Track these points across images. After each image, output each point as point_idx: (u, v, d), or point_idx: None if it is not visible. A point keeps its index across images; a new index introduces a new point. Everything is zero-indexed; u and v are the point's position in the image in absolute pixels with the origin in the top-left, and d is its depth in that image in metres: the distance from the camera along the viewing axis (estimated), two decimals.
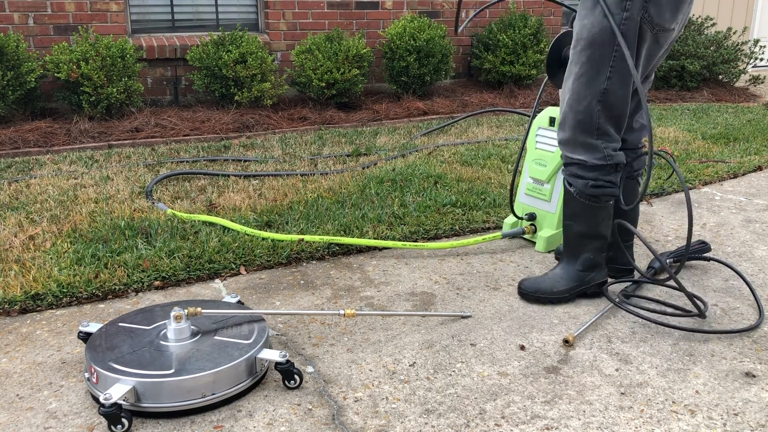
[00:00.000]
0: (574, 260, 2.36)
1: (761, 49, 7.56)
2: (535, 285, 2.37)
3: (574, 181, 2.29)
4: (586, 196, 2.27)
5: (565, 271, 2.37)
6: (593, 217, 2.30)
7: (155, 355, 1.83)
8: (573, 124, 2.22)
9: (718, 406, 1.80)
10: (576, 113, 2.20)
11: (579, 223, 2.32)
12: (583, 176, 2.26)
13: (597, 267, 2.37)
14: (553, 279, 2.37)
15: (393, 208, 3.24)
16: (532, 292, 2.37)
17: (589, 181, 2.25)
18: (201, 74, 5.32)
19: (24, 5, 5.07)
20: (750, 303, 2.40)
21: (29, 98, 4.92)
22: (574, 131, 2.22)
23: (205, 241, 2.77)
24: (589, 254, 2.35)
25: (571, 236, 2.35)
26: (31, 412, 1.77)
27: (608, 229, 2.35)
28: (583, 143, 2.22)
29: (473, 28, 6.84)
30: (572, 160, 2.27)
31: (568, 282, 2.36)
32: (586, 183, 2.26)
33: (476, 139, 4.87)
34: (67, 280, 2.42)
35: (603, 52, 2.10)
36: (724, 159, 4.30)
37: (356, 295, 2.47)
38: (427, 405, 1.80)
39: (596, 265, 2.37)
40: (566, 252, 2.39)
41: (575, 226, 2.33)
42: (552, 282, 2.36)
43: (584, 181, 2.26)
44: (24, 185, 3.61)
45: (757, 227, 3.19)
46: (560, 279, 2.36)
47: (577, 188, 2.28)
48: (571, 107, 2.21)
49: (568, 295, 2.36)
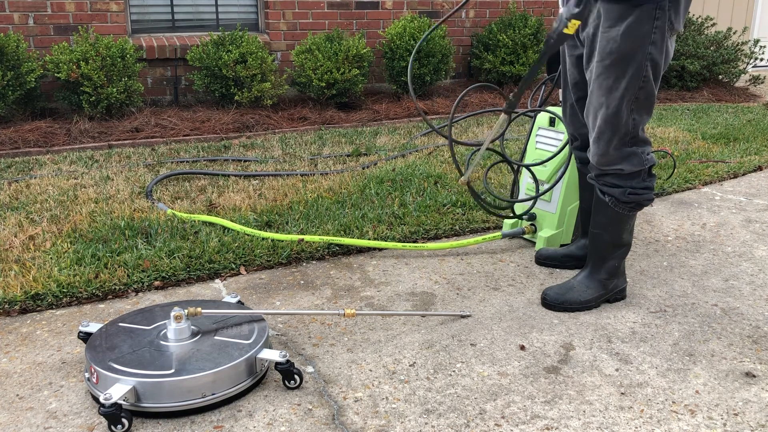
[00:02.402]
0: (600, 268, 2.34)
1: (761, 49, 7.56)
2: (562, 296, 2.33)
3: (610, 191, 2.24)
4: (623, 205, 2.24)
5: (591, 279, 2.35)
6: (625, 225, 2.28)
7: (155, 355, 1.83)
8: (610, 138, 2.16)
9: (718, 406, 1.80)
10: (613, 127, 2.14)
11: (610, 232, 2.29)
12: (620, 185, 2.23)
13: (620, 274, 2.37)
14: (579, 289, 2.33)
15: (393, 208, 3.24)
16: (559, 303, 2.32)
17: (627, 189, 2.22)
18: (201, 74, 5.32)
19: (24, 5, 5.07)
20: (750, 303, 2.40)
21: (29, 98, 4.92)
22: (612, 145, 2.16)
23: (205, 241, 2.77)
24: (615, 261, 2.33)
25: (601, 245, 2.32)
26: (31, 412, 1.77)
27: (632, 235, 2.34)
28: (621, 155, 2.18)
29: (473, 28, 6.84)
30: (608, 171, 2.23)
31: (595, 291, 2.34)
32: (623, 191, 2.22)
33: (476, 139, 4.87)
34: (67, 280, 2.42)
35: (637, 65, 2.06)
36: (724, 159, 4.30)
37: (356, 295, 2.47)
38: (427, 405, 1.80)
39: (620, 272, 2.37)
40: (592, 260, 2.36)
41: (606, 235, 2.30)
42: (579, 292, 2.33)
43: (621, 190, 2.23)
44: (24, 185, 3.61)
45: (757, 227, 3.18)
46: (587, 288, 2.33)
47: (613, 197, 2.24)
48: (606, 122, 2.14)
49: (594, 304, 2.34)
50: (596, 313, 2.32)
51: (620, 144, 2.16)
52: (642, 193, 2.23)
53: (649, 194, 2.25)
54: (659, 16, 2.01)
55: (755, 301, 2.42)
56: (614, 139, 2.15)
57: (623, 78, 2.08)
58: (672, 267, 2.72)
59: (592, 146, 2.22)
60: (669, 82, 7.05)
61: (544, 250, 2.72)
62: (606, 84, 2.11)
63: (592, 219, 2.34)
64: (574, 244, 2.69)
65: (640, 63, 2.06)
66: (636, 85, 2.08)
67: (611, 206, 2.25)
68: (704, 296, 2.46)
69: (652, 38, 2.03)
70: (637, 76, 2.07)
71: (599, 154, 2.20)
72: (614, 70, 2.08)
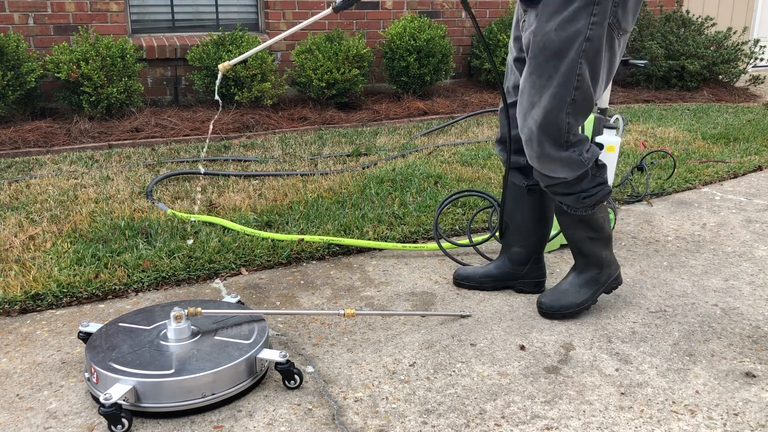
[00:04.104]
0: (587, 266, 2.27)
1: (761, 49, 7.55)
2: (557, 302, 2.26)
3: (563, 200, 2.16)
4: (581, 208, 2.15)
5: (582, 278, 2.28)
6: (593, 221, 2.19)
7: (155, 355, 1.83)
8: (541, 140, 2.04)
9: (718, 406, 1.80)
10: (545, 128, 2.02)
11: (581, 230, 2.21)
12: (570, 192, 2.13)
13: (610, 263, 2.28)
14: (573, 291, 2.26)
15: (393, 208, 3.24)
16: (556, 309, 2.25)
17: (579, 194, 2.13)
18: (201, 74, 5.32)
19: (24, 5, 5.07)
20: (750, 303, 2.40)
21: (29, 98, 4.92)
22: (545, 147, 2.04)
23: (205, 241, 2.77)
24: (601, 253, 2.25)
25: (578, 244, 2.24)
26: (31, 412, 1.77)
27: (609, 224, 2.25)
28: (557, 159, 2.06)
29: (473, 28, 6.84)
30: (553, 180, 2.12)
31: (589, 289, 2.27)
32: (577, 197, 2.13)
33: (476, 139, 4.87)
34: (67, 280, 2.42)
35: (570, 62, 1.95)
36: (724, 159, 4.30)
37: (356, 295, 2.47)
38: (427, 405, 1.80)
39: (609, 261, 2.28)
40: (576, 259, 2.28)
41: (577, 233, 2.22)
42: (573, 294, 2.26)
43: (574, 197, 2.13)
44: (24, 185, 3.61)
45: (757, 227, 3.18)
46: (579, 288, 2.26)
47: (569, 205, 2.16)
48: (537, 122, 2.02)
49: (592, 301, 2.28)
50: (596, 313, 2.31)
51: (555, 147, 2.04)
52: (596, 191, 2.13)
53: (605, 188, 2.14)
54: (597, 12, 1.91)
55: (755, 301, 2.42)
56: (546, 142, 2.03)
57: (555, 76, 1.97)
58: (672, 267, 2.72)
59: (526, 149, 2.10)
60: (669, 82, 7.05)
61: (462, 270, 2.55)
62: (539, 82, 2.00)
63: (558, 222, 2.24)
64: (493, 263, 2.53)
65: (573, 60, 1.95)
66: (570, 84, 1.97)
67: (570, 211, 2.17)
68: (704, 296, 2.46)
69: (587, 34, 1.93)
70: (570, 75, 1.96)
71: (535, 156, 2.08)
72: (546, 67, 1.97)
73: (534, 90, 2.01)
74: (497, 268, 2.49)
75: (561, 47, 1.95)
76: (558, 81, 1.97)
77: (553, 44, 1.95)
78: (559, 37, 1.94)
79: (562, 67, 1.96)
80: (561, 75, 1.97)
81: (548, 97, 1.99)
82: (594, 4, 1.92)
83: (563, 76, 1.97)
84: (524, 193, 2.34)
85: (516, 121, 2.24)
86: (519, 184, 2.35)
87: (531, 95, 2.02)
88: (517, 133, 2.27)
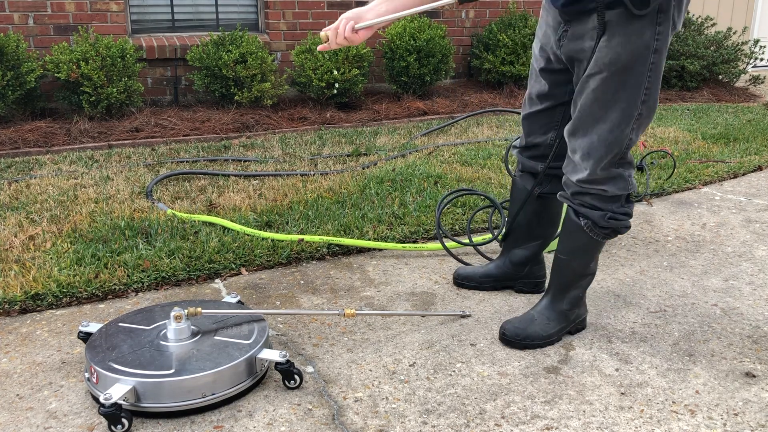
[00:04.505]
0: (561, 298, 2.14)
1: (761, 49, 7.56)
2: (523, 331, 2.11)
3: (588, 213, 2.02)
4: (599, 230, 2.03)
5: (552, 311, 2.14)
6: (595, 253, 2.09)
7: (155, 355, 1.83)
8: (601, 156, 1.95)
9: (718, 406, 1.80)
10: (609, 144, 1.94)
11: (578, 260, 2.09)
12: (600, 208, 2.01)
13: (582, 304, 2.19)
14: (541, 321, 2.13)
15: (393, 208, 3.24)
16: (520, 339, 2.10)
17: (607, 212, 2.01)
18: (201, 74, 5.32)
19: (24, 5, 5.07)
20: (750, 303, 2.40)
21: (29, 98, 4.92)
22: (601, 164, 1.96)
23: (205, 241, 2.77)
24: (578, 291, 2.14)
25: (566, 273, 2.12)
26: (31, 412, 1.77)
27: (597, 264, 2.16)
28: (608, 175, 1.98)
29: (473, 28, 6.84)
30: (589, 190, 2.01)
31: (557, 323, 2.13)
32: (603, 215, 2.01)
33: (476, 139, 4.87)
34: (67, 280, 2.42)
35: (638, 76, 1.87)
36: (724, 159, 4.30)
37: (356, 295, 2.47)
38: (427, 405, 1.80)
39: (582, 302, 2.18)
40: (554, 288, 2.15)
41: (573, 262, 2.09)
42: (540, 325, 2.12)
43: (601, 213, 2.01)
44: (24, 185, 3.61)
45: (757, 227, 3.19)
46: (548, 321, 2.13)
47: (591, 221, 2.02)
48: (602, 138, 1.94)
49: (556, 338, 2.13)
50: (596, 313, 2.32)
51: (610, 164, 1.96)
52: (621, 218, 2.02)
53: (627, 221, 2.04)
54: (662, 20, 1.83)
55: (755, 301, 2.42)
56: (606, 157, 1.95)
57: (623, 90, 1.89)
58: (672, 267, 2.72)
59: (580, 163, 2.00)
60: (669, 82, 7.05)
61: (462, 270, 2.54)
62: (604, 98, 1.91)
63: (560, 244, 2.13)
64: (493, 263, 2.50)
65: (641, 74, 1.88)
66: (638, 98, 1.90)
67: (586, 230, 2.03)
68: (704, 296, 2.46)
69: (654, 45, 1.85)
70: (638, 88, 1.89)
71: (588, 172, 1.98)
72: (613, 82, 1.89)
73: (598, 105, 1.93)
74: (497, 268, 2.49)
75: (629, 62, 1.86)
76: (626, 96, 1.90)
77: (620, 59, 1.87)
78: (626, 51, 1.86)
79: (630, 82, 1.89)
80: (629, 90, 1.90)
81: (616, 112, 1.91)
82: (658, 12, 1.83)
83: (632, 90, 1.90)
84: (533, 197, 2.32)
85: (534, 127, 2.22)
86: (528, 189, 2.31)
87: (593, 111, 1.94)
88: (533, 140, 2.25)
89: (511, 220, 2.42)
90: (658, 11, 1.83)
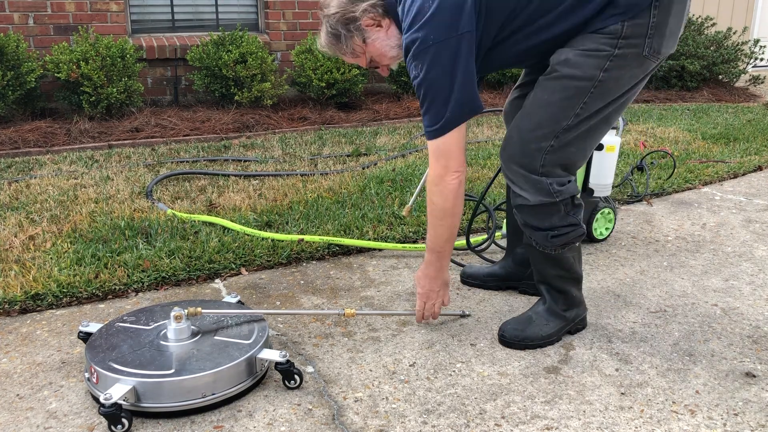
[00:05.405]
0: (557, 299, 2.13)
1: (761, 49, 7.56)
2: (521, 333, 2.09)
3: (532, 235, 2.02)
4: (551, 247, 2.02)
5: (549, 311, 2.13)
6: (563, 262, 2.06)
7: (155, 355, 1.83)
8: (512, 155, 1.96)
9: (718, 406, 1.80)
10: (522, 144, 1.94)
11: (553, 269, 2.08)
12: (540, 227, 1.99)
13: (579, 303, 2.17)
14: (539, 322, 2.12)
15: (393, 208, 3.24)
16: (519, 340, 2.08)
17: (548, 232, 1.99)
18: (201, 74, 5.32)
19: (24, 5, 5.07)
20: (750, 303, 2.40)
21: (29, 98, 4.93)
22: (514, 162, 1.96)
23: (205, 241, 2.77)
24: (571, 291, 2.13)
25: (550, 279, 2.11)
26: (31, 412, 1.77)
27: (580, 264, 2.13)
28: (525, 180, 1.95)
29: None
30: (516, 193, 1.99)
31: (555, 324, 2.12)
32: (545, 235, 1.99)
33: (476, 139, 4.87)
34: (67, 280, 2.42)
35: (580, 88, 1.86)
36: (724, 159, 4.30)
37: (356, 295, 2.47)
38: (427, 405, 1.80)
39: (579, 301, 2.16)
40: (545, 293, 2.15)
41: (550, 270, 2.09)
42: (539, 326, 2.11)
43: (543, 234, 1.99)
44: (24, 185, 3.61)
45: (757, 227, 3.18)
46: (546, 321, 2.12)
47: (538, 243, 2.02)
48: (521, 132, 1.95)
49: (556, 338, 2.12)
50: (596, 313, 2.32)
51: (523, 167, 1.94)
52: (568, 231, 1.98)
53: (578, 230, 2.00)
54: (622, 46, 1.81)
55: (755, 301, 2.42)
56: (519, 158, 1.94)
57: (560, 92, 1.88)
58: (672, 267, 2.72)
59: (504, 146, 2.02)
60: (669, 82, 7.05)
61: (468, 268, 2.55)
62: (542, 95, 1.92)
63: (528, 255, 2.14)
64: (498, 263, 2.52)
65: (584, 88, 1.86)
66: (572, 109, 1.87)
67: (539, 249, 2.04)
68: (704, 296, 2.46)
69: (606, 66, 1.83)
70: (575, 99, 1.87)
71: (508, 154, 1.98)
72: (558, 83, 1.88)
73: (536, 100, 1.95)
74: (502, 268, 2.51)
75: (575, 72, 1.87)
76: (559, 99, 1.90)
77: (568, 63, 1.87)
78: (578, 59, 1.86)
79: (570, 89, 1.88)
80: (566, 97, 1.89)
81: (544, 111, 1.93)
82: (620, 38, 1.81)
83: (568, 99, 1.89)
84: None
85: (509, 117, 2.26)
86: None
87: (527, 105, 1.98)
88: None
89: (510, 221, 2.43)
90: (619, 36, 1.81)
